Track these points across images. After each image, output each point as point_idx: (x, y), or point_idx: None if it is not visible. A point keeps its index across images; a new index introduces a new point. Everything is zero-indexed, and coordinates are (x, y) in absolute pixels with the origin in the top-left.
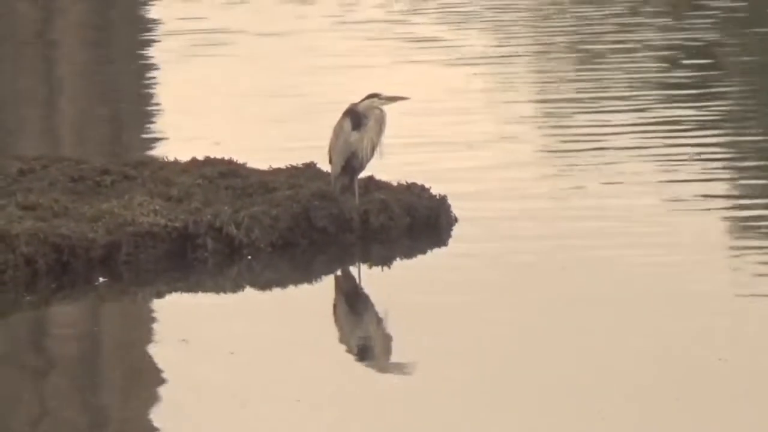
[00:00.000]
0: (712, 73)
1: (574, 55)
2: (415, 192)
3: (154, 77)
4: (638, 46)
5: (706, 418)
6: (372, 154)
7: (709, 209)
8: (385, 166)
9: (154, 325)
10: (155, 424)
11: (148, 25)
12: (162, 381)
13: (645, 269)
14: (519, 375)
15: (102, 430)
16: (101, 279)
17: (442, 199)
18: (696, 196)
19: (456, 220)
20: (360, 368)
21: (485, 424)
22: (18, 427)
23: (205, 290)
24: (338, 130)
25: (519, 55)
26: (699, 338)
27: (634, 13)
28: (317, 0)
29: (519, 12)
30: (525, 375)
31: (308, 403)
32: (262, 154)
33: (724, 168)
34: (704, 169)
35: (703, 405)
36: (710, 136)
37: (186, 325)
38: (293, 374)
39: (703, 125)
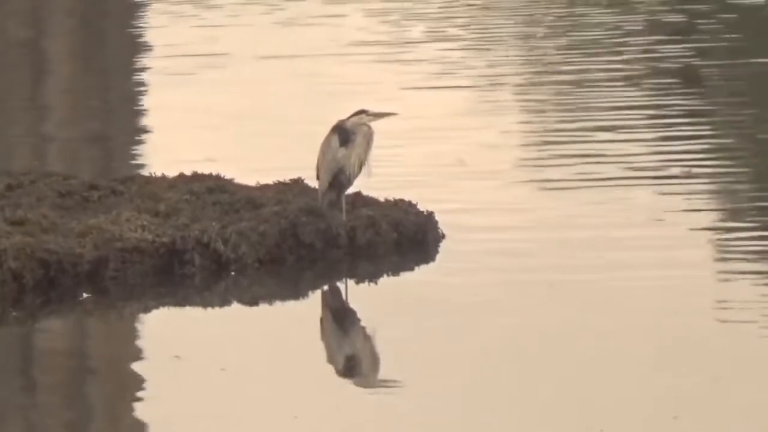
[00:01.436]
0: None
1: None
2: (402, 208)
3: (144, 93)
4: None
5: None
6: (359, 171)
7: (697, 228)
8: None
9: (142, 341)
10: None
11: (140, 42)
12: (151, 398)
13: (636, 286)
14: (509, 393)
15: None
16: (85, 294)
17: (430, 215)
18: (683, 210)
19: (443, 236)
20: (350, 385)
21: None
22: None
23: (192, 305)
24: (326, 146)
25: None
26: (695, 353)
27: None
28: (318, 23)
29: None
30: (515, 393)
31: (306, 420)
32: (252, 171)
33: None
34: (692, 184)
35: (702, 421)
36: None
37: (174, 341)
38: (286, 391)
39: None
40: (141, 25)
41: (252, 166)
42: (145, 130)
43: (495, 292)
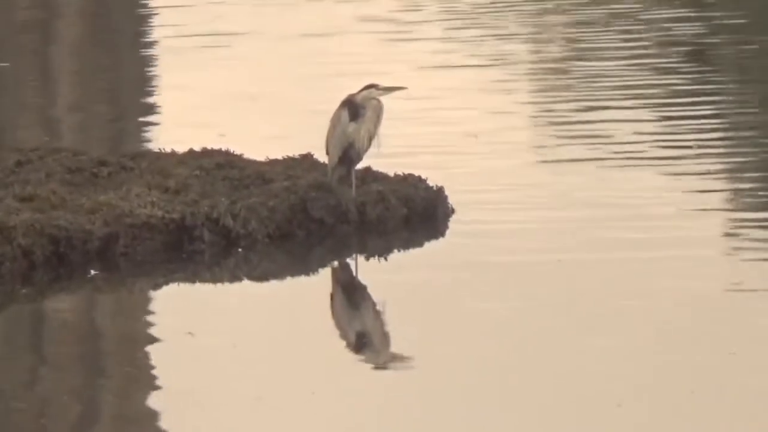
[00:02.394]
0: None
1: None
2: (412, 183)
3: (153, 68)
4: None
5: (720, 413)
6: (369, 145)
7: (708, 209)
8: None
9: (152, 318)
10: (162, 420)
11: (149, 22)
12: (162, 374)
13: (647, 265)
14: (521, 366)
15: (99, 422)
16: (93, 271)
17: (440, 190)
18: (695, 191)
19: (453, 210)
20: (361, 360)
21: (487, 411)
22: (16, 420)
23: (202, 282)
24: (335, 120)
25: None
26: (707, 332)
27: None
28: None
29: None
30: (527, 366)
31: (323, 396)
32: (262, 146)
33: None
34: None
35: (717, 399)
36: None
37: (184, 317)
38: (298, 367)
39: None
40: (150, 4)
41: (261, 142)
42: (154, 107)
43: (505, 267)
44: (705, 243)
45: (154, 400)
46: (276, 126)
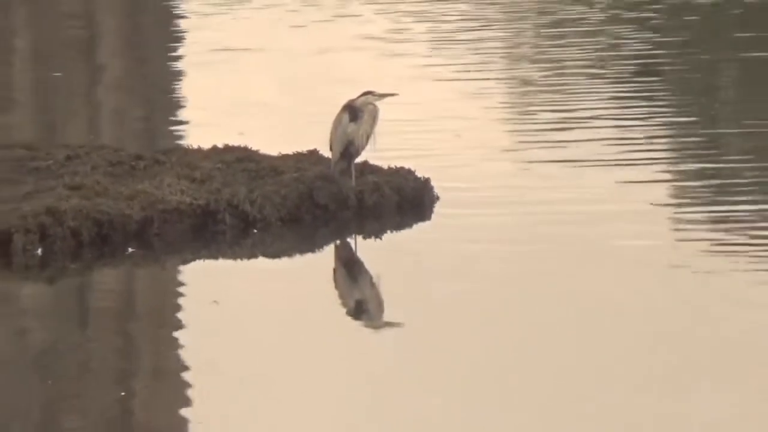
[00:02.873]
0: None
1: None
2: (402, 175)
3: (181, 78)
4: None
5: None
6: (366, 143)
7: (655, 204)
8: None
9: (181, 289)
10: (188, 374)
11: (178, 36)
12: (191, 337)
13: (613, 243)
14: (498, 324)
15: (136, 376)
16: (131, 249)
17: (426, 181)
18: (647, 180)
19: (437, 198)
20: (359, 325)
21: (466, 366)
22: (68, 374)
23: (224, 258)
24: (338, 122)
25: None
26: (694, 314)
27: None
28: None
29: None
30: (503, 324)
31: (327, 352)
32: (275, 143)
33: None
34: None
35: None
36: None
37: (209, 289)
38: (306, 329)
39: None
40: (180, 18)
41: (274, 140)
42: (183, 111)
43: (484, 245)
44: (651, 233)
45: (181, 357)
46: (286, 126)
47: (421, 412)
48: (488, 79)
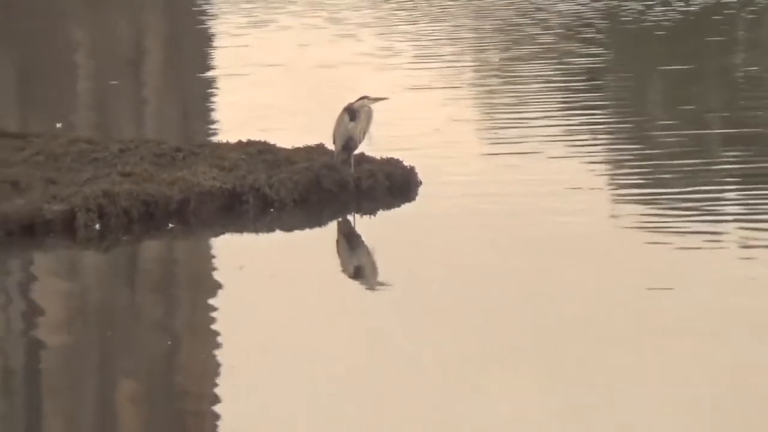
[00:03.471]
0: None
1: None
2: (392, 164)
3: (213, 87)
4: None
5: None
6: (363, 138)
7: (596, 188)
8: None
9: (213, 257)
10: (218, 326)
11: (212, 54)
12: (222, 296)
13: (557, 225)
14: (478, 282)
15: (173, 329)
16: (171, 225)
17: (412, 169)
18: (607, 172)
19: (421, 182)
20: (357, 284)
21: (454, 319)
22: (118, 324)
23: (248, 233)
24: (339, 121)
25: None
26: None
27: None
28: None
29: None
30: (481, 282)
31: (330, 309)
32: (289, 138)
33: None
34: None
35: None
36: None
37: (236, 257)
38: (314, 289)
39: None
40: (212, 38)
41: (288, 136)
42: (214, 112)
43: (463, 220)
44: (597, 213)
45: (213, 313)
46: (298, 125)
47: (412, 356)
48: (460, 87)
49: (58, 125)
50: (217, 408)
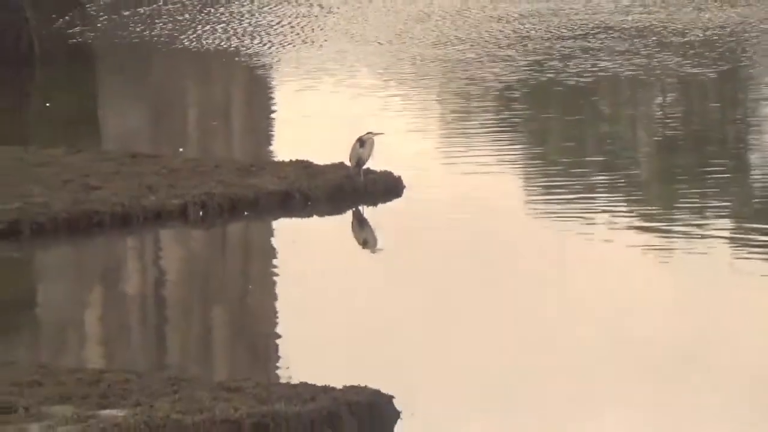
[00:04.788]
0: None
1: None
2: (385, 174)
3: (272, 126)
4: None
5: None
6: (368, 159)
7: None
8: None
9: (275, 234)
10: (279, 280)
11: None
12: (279, 261)
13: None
14: (459, 253)
15: (251, 283)
16: (246, 213)
17: (399, 177)
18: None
19: (405, 186)
20: (365, 250)
21: (441, 278)
22: (211, 280)
23: (300, 218)
24: (353, 147)
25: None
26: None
27: None
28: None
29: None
30: (463, 252)
31: (346, 267)
32: (324, 160)
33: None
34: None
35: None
36: None
37: (290, 234)
38: (336, 252)
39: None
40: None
41: (325, 156)
42: (271, 142)
43: (440, 212)
44: (524, 206)
45: (275, 269)
46: (329, 149)
47: (404, 304)
48: (429, 117)
49: (180, 150)
50: (278, 329)
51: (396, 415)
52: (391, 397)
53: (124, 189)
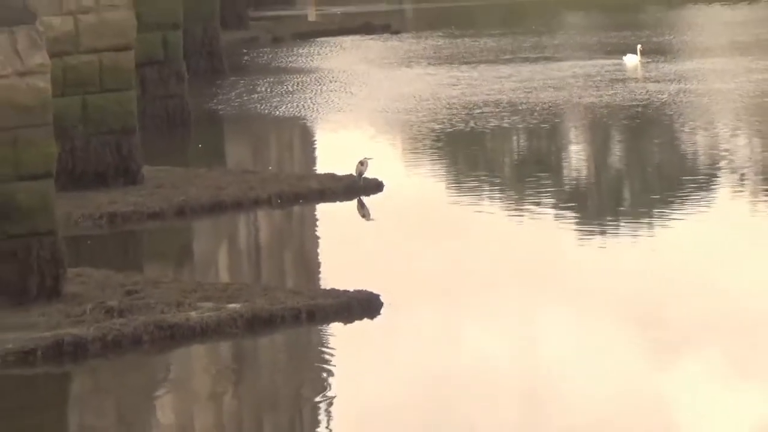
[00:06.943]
0: None
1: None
2: (374, 180)
3: (315, 140)
4: None
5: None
6: (365, 172)
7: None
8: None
9: (317, 218)
10: (317, 238)
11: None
12: (321, 227)
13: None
14: (443, 225)
15: (302, 254)
16: (300, 201)
17: (380, 182)
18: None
19: (384, 185)
20: (362, 219)
21: (427, 238)
22: (268, 251)
23: (323, 202)
24: (356, 166)
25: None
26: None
27: None
28: None
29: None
30: (446, 225)
31: (348, 233)
32: (342, 171)
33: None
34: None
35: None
36: None
37: (320, 219)
38: (346, 221)
39: None
40: (313, 134)
41: (342, 171)
42: (315, 153)
43: (415, 201)
44: (491, 202)
45: (317, 233)
46: (343, 168)
47: (388, 237)
48: (396, 149)
49: (270, 168)
50: (320, 255)
51: (380, 305)
52: (378, 295)
53: (237, 188)
